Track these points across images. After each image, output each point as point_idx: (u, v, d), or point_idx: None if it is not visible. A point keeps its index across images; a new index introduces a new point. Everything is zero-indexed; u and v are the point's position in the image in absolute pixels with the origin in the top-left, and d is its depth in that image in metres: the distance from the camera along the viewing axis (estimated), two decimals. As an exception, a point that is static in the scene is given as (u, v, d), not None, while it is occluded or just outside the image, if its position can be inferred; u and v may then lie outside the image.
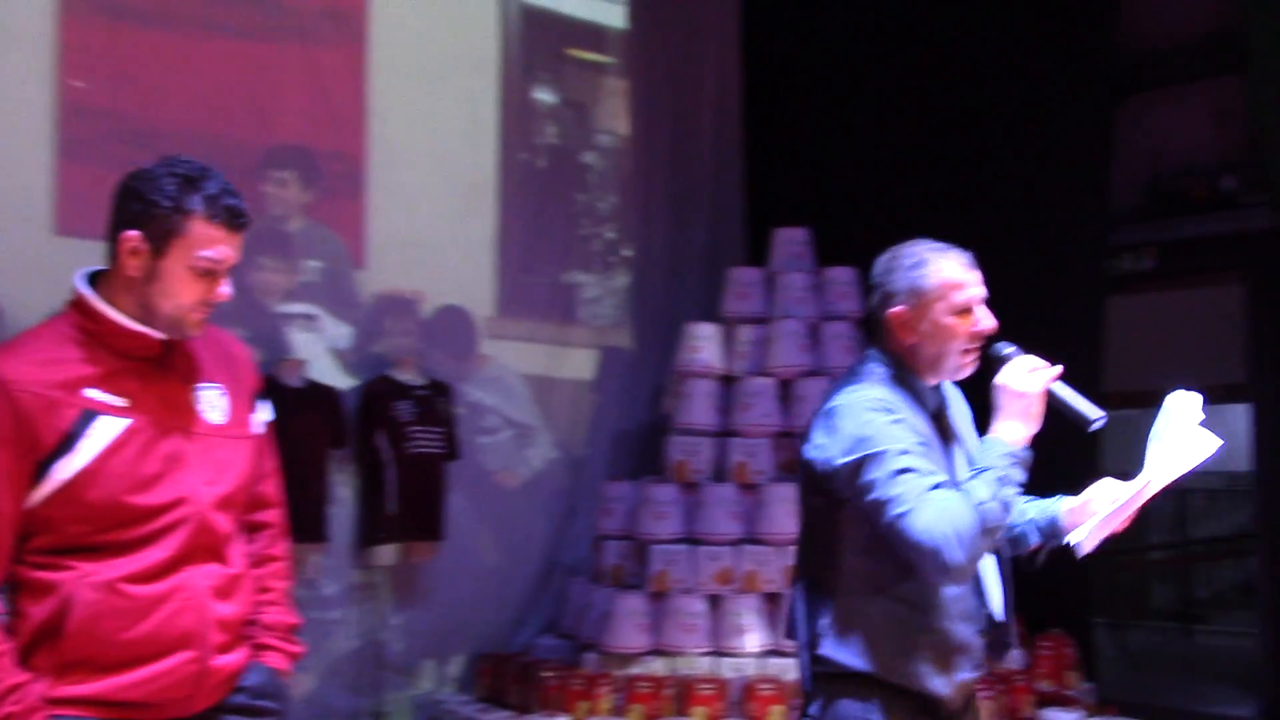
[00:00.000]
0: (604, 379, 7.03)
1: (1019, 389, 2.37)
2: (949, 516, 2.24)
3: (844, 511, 2.42)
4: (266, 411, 2.50)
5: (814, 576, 2.53)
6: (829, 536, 2.48)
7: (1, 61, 5.04)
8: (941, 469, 2.39)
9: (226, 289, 2.28)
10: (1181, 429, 2.41)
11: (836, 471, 2.39)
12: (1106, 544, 2.55)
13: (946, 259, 2.48)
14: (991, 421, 2.41)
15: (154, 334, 2.25)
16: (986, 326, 2.48)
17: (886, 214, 6.20)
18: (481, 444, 6.47)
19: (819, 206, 6.71)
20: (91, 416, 2.18)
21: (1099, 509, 2.48)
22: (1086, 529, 2.48)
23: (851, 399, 2.43)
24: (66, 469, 2.16)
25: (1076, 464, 4.32)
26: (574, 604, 6.14)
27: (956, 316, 2.46)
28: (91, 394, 2.19)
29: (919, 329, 2.47)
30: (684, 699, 5.27)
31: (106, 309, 2.24)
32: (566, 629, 6.13)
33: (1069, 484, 2.66)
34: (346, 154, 6.08)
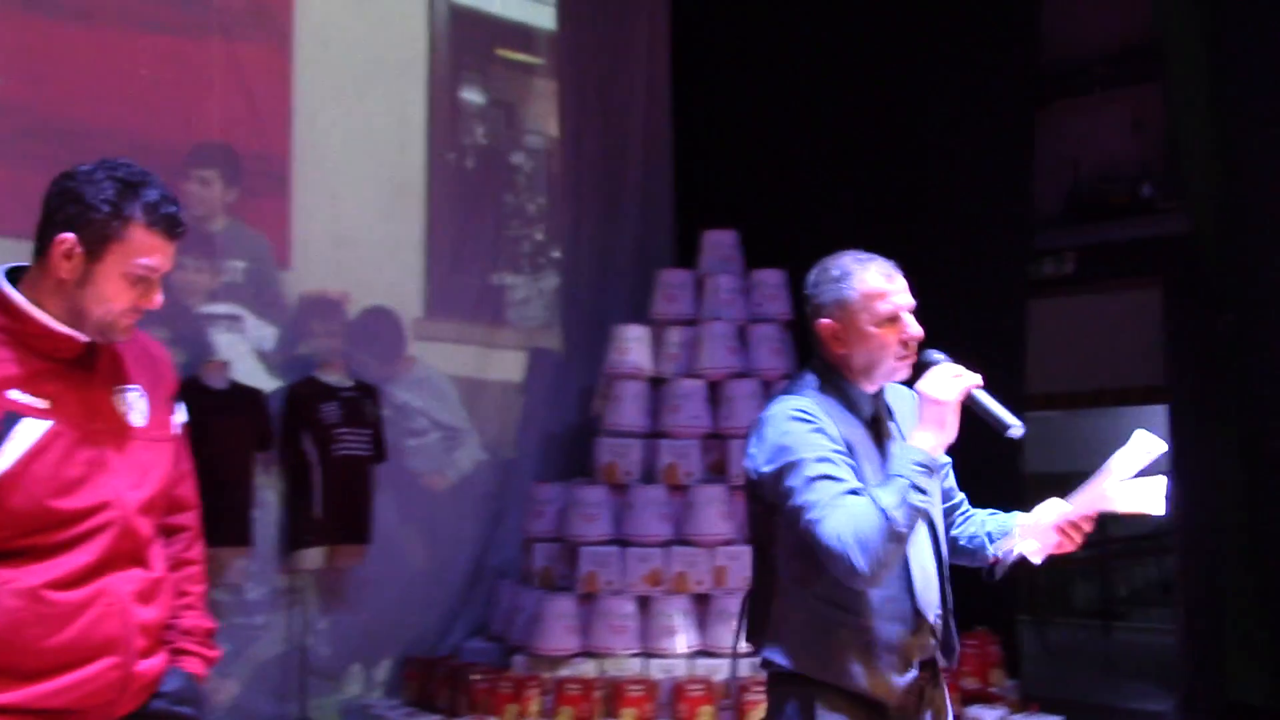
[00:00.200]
0: (533, 380, 7.01)
1: (936, 396, 2.41)
2: (855, 523, 2.30)
3: (777, 517, 2.48)
4: (183, 413, 2.47)
5: (758, 580, 2.61)
6: (766, 541, 2.56)
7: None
8: (876, 473, 2.45)
9: (159, 297, 2.24)
10: (1136, 469, 2.49)
11: (763, 479, 2.46)
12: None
13: (868, 270, 2.52)
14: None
15: (79, 336, 2.21)
16: (913, 334, 2.51)
17: (814, 217, 6.28)
18: (409, 446, 6.43)
19: (748, 209, 6.77)
20: (15, 419, 2.13)
21: (1048, 524, 2.56)
22: (1037, 544, 2.57)
23: (777, 409, 2.49)
24: None
25: (998, 466, 4.39)
26: (503, 606, 6.12)
27: (881, 326, 2.49)
28: (14, 395, 2.14)
29: (848, 340, 2.52)
30: (614, 701, 5.27)
31: (32, 309, 2.18)
32: (495, 632, 6.12)
33: (993, 487, 2.71)
34: (271, 153, 6.02)
